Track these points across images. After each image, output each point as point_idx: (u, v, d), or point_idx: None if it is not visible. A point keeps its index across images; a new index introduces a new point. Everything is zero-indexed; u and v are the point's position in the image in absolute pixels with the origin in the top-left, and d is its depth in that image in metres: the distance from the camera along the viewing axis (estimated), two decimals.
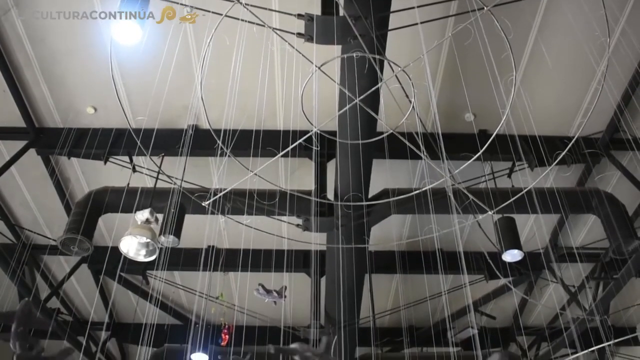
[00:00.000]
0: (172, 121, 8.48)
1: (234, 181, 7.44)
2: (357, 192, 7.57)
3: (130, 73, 8.02)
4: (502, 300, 11.69)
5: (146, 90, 7.46)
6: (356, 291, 9.19)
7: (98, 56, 7.59)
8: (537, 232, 10.04)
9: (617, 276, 9.31)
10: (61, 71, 8.21)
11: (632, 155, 9.10)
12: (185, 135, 7.61)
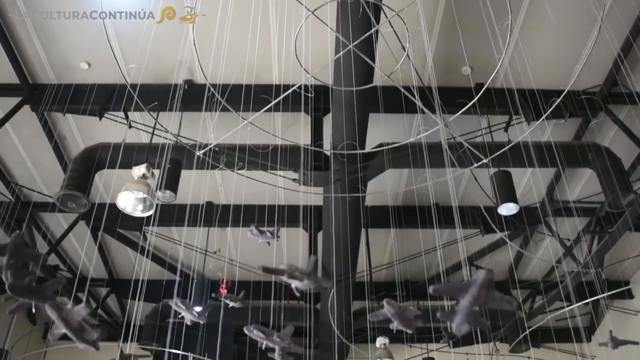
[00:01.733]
0: (166, 76, 8.41)
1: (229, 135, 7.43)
2: (353, 147, 7.55)
3: (123, 27, 7.91)
4: (497, 254, 11.78)
5: (139, 44, 7.37)
6: (352, 246, 9.25)
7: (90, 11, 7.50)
8: (533, 187, 10.07)
9: (612, 230, 9.38)
10: (54, 26, 8.09)
11: (629, 109, 9.09)
12: (177, 90, 7.53)
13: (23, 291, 3.25)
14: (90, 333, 3.43)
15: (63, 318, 3.26)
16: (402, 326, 4.50)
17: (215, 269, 10.39)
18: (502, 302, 2.94)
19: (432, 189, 6.56)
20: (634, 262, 12.07)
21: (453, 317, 2.92)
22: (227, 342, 11.70)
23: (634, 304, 12.71)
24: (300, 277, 3.69)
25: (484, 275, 2.76)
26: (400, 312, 4.40)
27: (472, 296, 2.80)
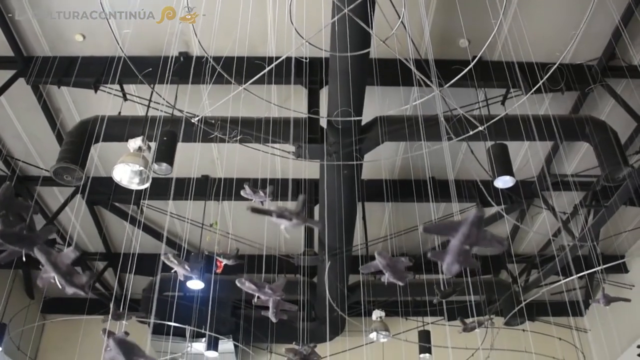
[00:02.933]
0: (161, 49, 8.34)
1: (225, 108, 7.40)
2: (348, 115, 7.53)
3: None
4: (493, 228, 11.78)
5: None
6: (348, 219, 9.27)
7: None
8: (530, 161, 10.08)
9: (608, 204, 9.41)
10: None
11: (627, 83, 9.07)
12: (170, 63, 7.47)
13: (13, 238, 3.24)
14: (80, 276, 3.42)
15: (52, 262, 3.25)
16: (394, 278, 4.50)
17: (212, 243, 10.41)
18: (493, 242, 2.92)
19: (427, 159, 6.53)
20: (630, 236, 12.12)
21: (444, 257, 2.91)
22: (225, 315, 11.78)
23: (628, 278, 12.79)
24: (289, 217, 3.69)
25: (475, 214, 2.74)
26: (391, 264, 4.41)
27: (463, 235, 2.78)
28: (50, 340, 14.39)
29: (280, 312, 5.69)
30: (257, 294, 5.34)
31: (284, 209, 3.63)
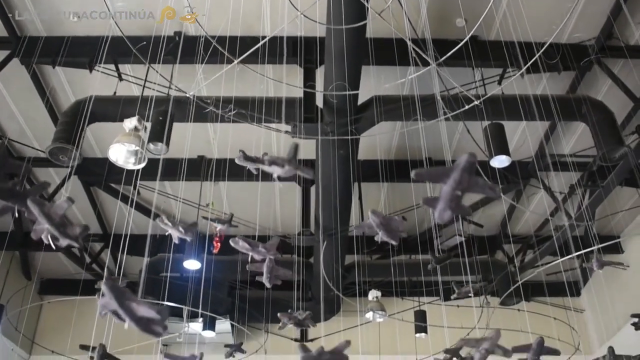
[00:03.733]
0: (157, 28, 8.29)
1: (220, 87, 7.39)
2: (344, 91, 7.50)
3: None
4: (489, 208, 11.86)
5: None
6: (344, 199, 9.28)
7: None
8: (526, 141, 10.08)
9: (604, 184, 9.42)
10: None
11: (623, 63, 9.06)
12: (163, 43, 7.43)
13: (6, 194, 3.22)
14: (73, 228, 3.40)
15: (45, 213, 3.23)
16: (387, 237, 4.50)
17: (208, 223, 10.41)
18: (485, 188, 2.89)
19: (423, 137, 6.52)
20: (625, 217, 12.16)
21: (435, 203, 2.89)
22: (222, 295, 11.83)
23: (624, 258, 12.83)
24: (281, 163, 3.68)
25: (467, 158, 2.71)
26: (385, 222, 4.40)
27: (454, 180, 2.75)
28: (47, 321, 14.45)
29: (274, 277, 5.71)
30: (251, 253, 5.35)
31: (277, 156, 3.61)
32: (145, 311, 2.50)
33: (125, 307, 2.50)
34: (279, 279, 5.78)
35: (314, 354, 4.33)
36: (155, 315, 2.49)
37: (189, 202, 10.56)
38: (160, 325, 2.56)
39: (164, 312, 2.50)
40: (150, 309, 2.48)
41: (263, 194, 10.06)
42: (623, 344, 13.12)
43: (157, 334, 2.58)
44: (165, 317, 2.55)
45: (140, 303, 2.50)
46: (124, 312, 2.51)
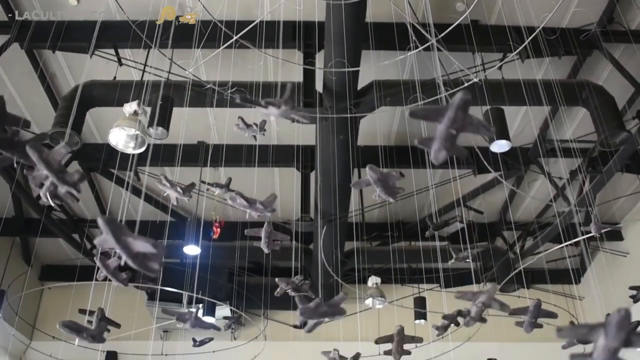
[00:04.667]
0: (156, 12, 8.25)
1: (222, 74, 7.37)
2: (347, 84, 7.49)
3: None
4: (490, 195, 11.85)
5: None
6: (344, 185, 9.27)
7: None
8: (527, 127, 10.07)
9: (604, 169, 9.42)
10: None
11: (624, 48, 9.02)
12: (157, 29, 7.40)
13: (6, 144, 3.22)
14: (72, 174, 3.41)
15: (44, 159, 3.23)
16: (385, 194, 4.50)
17: (208, 209, 10.43)
18: (480, 127, 2.87)
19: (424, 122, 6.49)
20: (625, 204, 12.16)
21: (431, 143, 2.88)
22: (222, 281, 11.85)
23: (623, 246, 12.86)
24: (277, 104, 3.67)
25: (461, 97, 2.69)
26: (382, 178, 4.40)
27: (449, 119, 2.74)
28: (48, 307, 14.49)
29: (272, 243, 5.73)
30: (248, 210, 5.36)
31: (274, 99, 3.60)
32: (142, 245, 2.48)
33: (121, 243, 2.48)
34: (277, 245, 5.80)
35: (312, 305, 4.35)
36: (152, 249, 2.47)
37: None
38: (157, 262, 2.54)
39: (161, 248, 2.48)
40: (147, 243, 2.46)
41: (262, 180, 10.04)
42: None
43: (154, 271, 2.56)
44: (162, 253, 2.54)
45: (137, 238, 2.48)
46: (120, 248, 2.49)
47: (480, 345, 12.95)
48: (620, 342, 2.44)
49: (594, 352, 2.52)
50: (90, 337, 5.62)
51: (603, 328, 2.42)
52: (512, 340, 13.59)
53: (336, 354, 6.27)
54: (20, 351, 14.07)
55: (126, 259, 2.51)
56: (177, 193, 6.20)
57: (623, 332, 2.41)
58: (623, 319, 2.36)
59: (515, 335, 13.28)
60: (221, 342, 13.24)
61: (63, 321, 5.36)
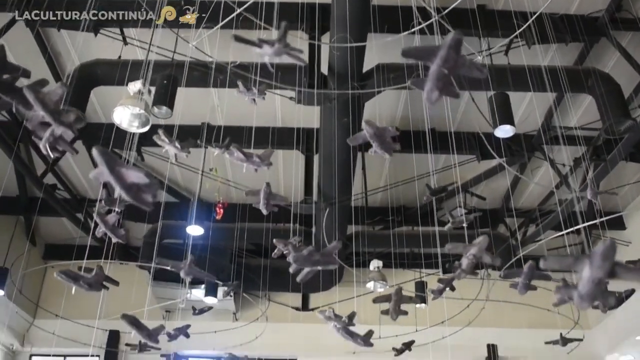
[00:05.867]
0: None
1: (226, 54, 7.35)
2: (351, 65, 7.47)
3: None
4: (493, 181, 11.85)
5: None
6: (347, 168, 9.28)
7: None
8: (532, 114, 10.03)
9: (609, 157, 9.40)
10: None
11: (632, 36, 8.98)
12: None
13: (5, 88, 3.23)
14: (67, 115, 3.42)
15: (40, 99, 3.24)
16: (381, 149, 4.50)
17: (211, 190, 10.45)
18: (472, 68, 2.88)
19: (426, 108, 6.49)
20: (628, 193, 12.15)
21: (423, 83, 2.89)
22: (224, 262, 11.91)
23: (626, 235, 12.85)
24: (271, 43, 3.69)
25: (453, 36, 2.69)
26: (379, 133, 4.40)
27: (441, 58, 2.74)
28: (51, 286, 14.57)
29: (270, 205, 5.74)
30: (245, 163, 5.37)
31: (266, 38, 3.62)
32: (136, 176, 2.50)
33: (115, 173, 2.50)
34: (276, 207, 5.81)
35: (305, 253, 4.37)
36: (145, 180, 2.48)
37: (192, 168, 10.59)
38: (150, 194, 2.56)
39: (154, 183, 2.50)
40: (140, 174, 2.48)
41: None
42: (621, 319, 13.21)
43: (147, 204, 2.57)
44: (155, 187, 2.55)
45: (131, 169, 2.50)
46: (114, 179, 2.51)
47: (479, 330, 13.03)
48: (604, 273, 2.47)
49: (579, 283, 2.56)
50: (86, 285, 5.65)
51: (588, 259, 2.46)
52: (511, 326, 13.71)
53: (332, 312, 6.25)
54: (24, 329, 14.19)
55: (120, 191, 2.53)
56: (176, 148, 6.19)
57: (608, 262, 2.44)
58: (608, 250, 2.41)
59: (514, 321, 13.46)
60: (223, 322, 13.34)
61: (60, 269, 5.38)
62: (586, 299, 2.61)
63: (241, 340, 12.61)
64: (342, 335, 6.20)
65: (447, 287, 6.54)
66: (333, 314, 6.19)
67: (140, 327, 5.73)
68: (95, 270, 6.23)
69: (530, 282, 5.43)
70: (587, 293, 2.57)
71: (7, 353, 13.89)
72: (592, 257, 2.44)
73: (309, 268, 4.63)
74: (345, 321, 6.22)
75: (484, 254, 4.93)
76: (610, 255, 2.44)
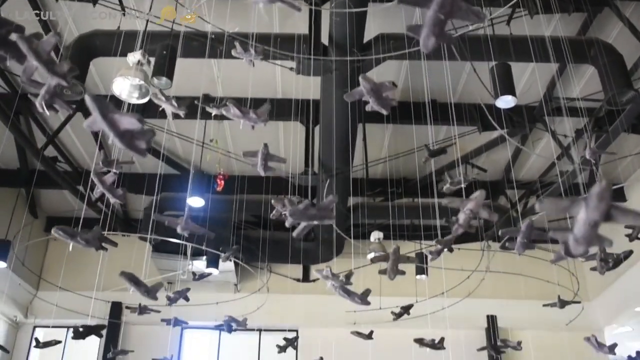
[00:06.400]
0: None
1: (225, 23, 7.29)
2: (351, 34, 7.41)
3: None
4: (494, 153, 11.82)
5: None
6: (348, 139, 9.27)
7: None
8: (534, 85, 9.97)
9: (610, 128, 9.37)
10: None
11: (635, 6, 8.89)
12: None
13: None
14: (61, 65, 3.42)
15: (33, 49, 3.23)
16: (378, 105, 4.48)
17: (212, 162, 10.44)
18: (469, 13, 2.85)
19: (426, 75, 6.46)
20: (630, 165, 12.12)
21: (420, 30, 2.87)
22: (226, 234, 11.94)
23: (627, 207, 12.85)
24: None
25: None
26: (375, 88, 4.38)
27: (437, 3, 2.72)
28: (53, 258, 14.67)
29: (267, 166, 5.75)
30: (242, 119, 5.36)
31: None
32: (129, 122, 2.49)
33: (108, 120, 2.48)
34: (274, 168, 5.81)
35: (301, 207, 4.36)
36: (137, 125, 2.47)
37: (192, 139, 10.56)
38: (144, 140, 2.55)
39: (149, 130, 2.48)
40: (133, 119, 2.47)
41: (266, 133, 10.02)
42: (620, 291, 13.30)
43: (141, 151, 2.56)
44: (149, 134, 2.53)
45: (123, 114, 2.49)
46: (107, 126, 2.49)
47: (479, 302, 13.13)
48: (600, 215, 2.44)
49: (575, 226, 2.55)
50: (84, 241, 5.67)
51: (584, 201, 2.43)
52: (510, 298, 13.80)
53: (329, 271, 6.24)
54: (27, 301, 14.31)
55: (114, 138, 2.51)
56: (172, 107, 6.18)
57: (604, 203, 2.41)
58: (604, 190, 2.38)
59: (514, 293, 13.54)
60: (224, 294, 13.43)
61: (57, 226, 5.39)
62: (582, 242, 2.59)
63: (242, 311, 12.69)
64: (340, 294, 6.18)
65: (445, 247, 6.53)
66: (330, 273, 6.18)
67: (139, 283, 5.76)
68: (94, 228, 6.26)
69: (529, 241, 5.38)
70: (583, 236, 2.55)
71: (10, 324, 14.02)
72: (588, 199, 2.42)
73: (305, 222, 4.60)
74: (343, 280, 6.21)
75: (481, 209, 4.89)
76: (606, 196, 2.40)
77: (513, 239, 10.64)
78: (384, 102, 4.44)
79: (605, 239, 2.66)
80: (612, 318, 13.62)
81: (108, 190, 5.47)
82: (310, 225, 4.65)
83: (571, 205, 2.48)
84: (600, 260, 7.39)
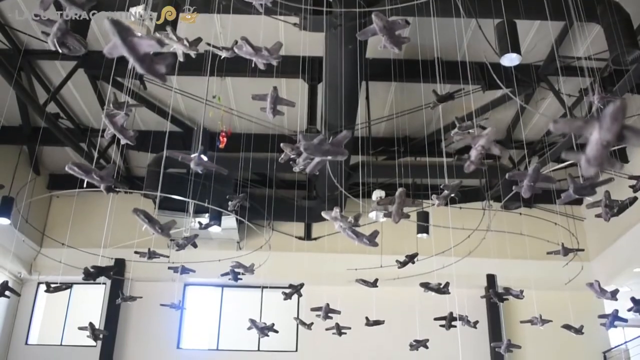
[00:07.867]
0: None
1: None
2: None
3: None
4: (498, 112, 11.76)
5: None
6: (351, 96, 9.22)
7: None
8: (539, 43, 9.88)
9: (615, 88, 9.31)
10: None
11: None
12: None
13: None
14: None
15: None
16: (391, 43, 4.46)
17: (215, 119, 10.40)
18: None
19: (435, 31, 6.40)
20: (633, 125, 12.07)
21: None
22: (228, 191, 11.96)
23: (628, 168, 12.84)
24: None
25: None
26: (388, 26, 4.36)
27: None
28: (57, 215, 14.77)
29: (276, 109, 5.75)
30: (254, 58, 5.35)
31: None
32: (148, 45, 2.49)
33: (128, 44, 2.49)
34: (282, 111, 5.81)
35: (316, 141, 4.38)
36: (157, 47, 2.48)
37: (194, 96, 10.51)
38: (164, 64, 2.56)
39: (169, 53, 2.48)
40: (153, 41, 2.47)
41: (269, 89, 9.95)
42: (620, 251, 13.40)
43: (161, 76, 2.57)
44: (169, 58, 2.53)
45: (143, 37, 2.49)
46: (127, 50, 2.49)
47: (480, 260, 13.22)
48: (613, 135, 2.43)
49: (587, 146, 2.55)
50: (99, 178, 5.69)
51: (597, 121, 2.42)
52: (511, 257, 13.88)
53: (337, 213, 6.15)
54: (31, 257, 14.43)
55: (133, 62, 2.51)
56: (184, 47, 6.14)
57: (617, 124, 2.40)
58: (618, 110, 2.37)
59: (515, 252, 13.61)
60: (227, 251, 13.51)
61: (72, 162, 5.36)
62: (593, 163, 2.57)
63: None
64: (348, 235, 6.15)
65: (452, 193, 6.55)
66: (339, 215, 6.14)
67: (152, 220, 5.79)
68: (107, 165, 6.28)
69: (535, 184, 5.37)
70: (595, 155, 2.54)
71: (15, 281, 14.17)
72: (602, 119, 2.40)
73: (319, 158, 4.59)
74: (351, 222, 6.17)
75: (492, 145, 4.87)
76: (619, 117, 2.38)
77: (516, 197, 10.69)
78: (396, 40, 4.40)
79: (616, 161, 2.67)
80: (612, 278, 13.73)
81: (119, 132, 5.47)
82: (323, 161, 4.64)
83: (585, 125, 2.47)
84: (605, 206, 7.36)
